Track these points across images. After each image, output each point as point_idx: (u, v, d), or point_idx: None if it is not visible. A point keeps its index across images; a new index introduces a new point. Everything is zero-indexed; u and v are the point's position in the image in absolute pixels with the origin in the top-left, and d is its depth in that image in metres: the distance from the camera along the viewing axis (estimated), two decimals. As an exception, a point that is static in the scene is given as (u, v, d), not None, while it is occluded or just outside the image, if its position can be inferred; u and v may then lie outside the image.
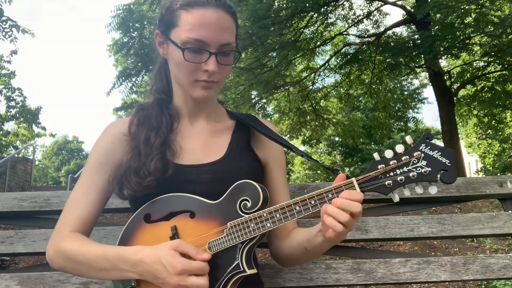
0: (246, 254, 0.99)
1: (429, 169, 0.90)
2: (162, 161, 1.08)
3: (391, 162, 0.92)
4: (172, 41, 1.08)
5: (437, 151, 0.90)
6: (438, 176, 0.90)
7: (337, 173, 1.03)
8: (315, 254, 1.15)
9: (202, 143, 1.18)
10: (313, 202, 0.95)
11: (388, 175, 0.92)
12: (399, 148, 0.92)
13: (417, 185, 0.92)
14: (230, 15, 1.09)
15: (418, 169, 0.91)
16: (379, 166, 0.93)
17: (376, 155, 0.94)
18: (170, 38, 1.08)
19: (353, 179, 0.94)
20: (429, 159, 0.90)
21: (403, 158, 0.91)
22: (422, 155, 0.91)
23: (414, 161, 0.91)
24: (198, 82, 1.09)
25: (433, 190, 0.91)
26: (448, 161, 0.90)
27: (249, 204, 1.00)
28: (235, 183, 1.03)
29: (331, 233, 0.93)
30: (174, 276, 0.92)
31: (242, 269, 0.98)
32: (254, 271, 1.00)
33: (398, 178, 0.91)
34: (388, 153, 0.93)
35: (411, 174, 0.91)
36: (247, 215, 0.99)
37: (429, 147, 0.91)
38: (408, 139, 0.92)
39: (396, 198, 0.93)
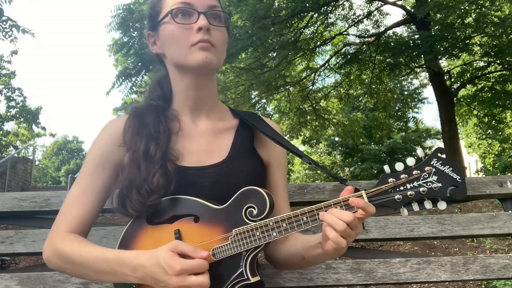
0: (250, 262, 0.98)
1: (440, 184, 0.88)
2: (165, 176, 1.04)
3: (402, 176, 0.90)
4: (161, 19, 1.12)
5: (448, 166, 0.89)
6: (448, 191, 0.89)
7: (345, 183, 1.02)
8: (312, 263, 1.14)
9: (204, 143, 1.16)
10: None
11: (398, 189, 0.91)
12: (410, 162, 0.91)
13: (426, 200, 0.90)
14: None
15: (428, 184, 0.89)
16: (390, 180, 0.91)
17: (386, 168, 0.93)
18: (159, 22, 1.13)
19: (363, 192, 0.92)
20: (440, 174, 0.89)
21: (414, 173, 0.90)
22: (433, 170, 0.89)
23: (425, 176, 0.89)
24: (195, 46, 1.08)
25: (442, 206, 0.90)
26: (459, 177, 0.88)
27: (255, 212, 0.98)
28: (241, 190, 1.01)
29: (330, 245, 0.92)
30: (174, 277, 0.91)
31: (246, 277, 0.97)
32: (257, 278, 0.99)
33: (408, 193, 0.90)
34: (399, 166, 0.91)
35: (421, 189, 0.89)
36: (253, 223, 0.97)
37: (441, 162, 0.89)
38: (420, 152, 0.90)
39: (405, 213, 0.91)
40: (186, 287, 0.91)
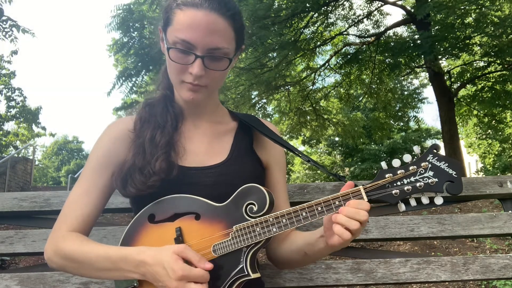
0: (251, 258, 0.99)
1: (436, 179, 0.91)
2: (167, 161, 1.08)
3: (399, 172, 0.93)
4: (166, 39, 1.08)
5: (444, 162, 0.91)
6: (445, 186, 0.91)
7: (343, 180, 1.03)
8: (314, 259, 1.15)
9: (205, 145, 1.17)
10: (319, 208, 0.95)
11: (395, 184, 0.93)
12: (407, 158, 0.93)
13: (423, 195, 0.93)
14: (226, 19, 1.04)
15: (425, 179, 0.92)
16: (387, 175, 0.93)
17: (383, 164, 0.95)
18: (166, 36, 1.09)
19: (361, 187, 0.94)
20: (436, 169, 0.91)
21: (410, 168, 0.92)
22: (430, 165, 0.92)
23: (421, 171, 0.92)
24: (185, 84, 1.08)
25: (439, 201, 0.92)
26: (455, 173, 0.91)
27: (255, 208, 0.99)
28: (242, 187, 1.02)
29: (336, 240, 0.94)
30: (174, 281, 0.91)
31: (246, 273, 0.98)
32: (258, 275, 1.00)
33: (405, 188, 0.92)
34: (396, 162, 0.94)
35: (418, 184, 0.92)
36: (253, 219, 0.99)
37: (436, 157, 0.92)
38: (416, 149, 0.93)
39: (403, 207, 0.94)
40: None
